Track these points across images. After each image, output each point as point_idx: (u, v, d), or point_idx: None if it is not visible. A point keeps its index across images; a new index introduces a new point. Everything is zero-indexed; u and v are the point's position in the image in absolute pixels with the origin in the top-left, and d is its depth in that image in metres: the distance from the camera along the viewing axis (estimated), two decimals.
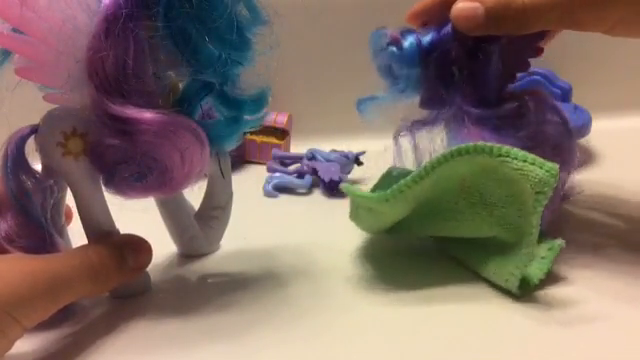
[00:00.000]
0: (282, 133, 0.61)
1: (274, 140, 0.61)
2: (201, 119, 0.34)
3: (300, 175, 0.55)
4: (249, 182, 0.55)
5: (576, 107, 0.58)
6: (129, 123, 0.30)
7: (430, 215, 0.38)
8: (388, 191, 0.34)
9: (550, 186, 0.33)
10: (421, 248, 0.42)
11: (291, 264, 0.41)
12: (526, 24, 0.36)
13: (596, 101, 0.55)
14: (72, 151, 0.32)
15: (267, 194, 0.53)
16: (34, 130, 0.32)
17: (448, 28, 0.38)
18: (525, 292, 0.35)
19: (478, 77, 0.39)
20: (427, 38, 0.39)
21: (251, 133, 0.61)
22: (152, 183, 0.32)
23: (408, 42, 0.39)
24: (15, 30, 0.29)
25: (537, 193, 0.33)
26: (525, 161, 0.33)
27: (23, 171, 0.32)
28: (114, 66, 0.29)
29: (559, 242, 0.36)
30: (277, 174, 0.55)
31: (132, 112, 0.30)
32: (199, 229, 0.40)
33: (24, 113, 0.32)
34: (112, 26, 0.29)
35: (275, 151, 0.58)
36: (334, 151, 0.56)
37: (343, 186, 0.38)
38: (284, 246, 0.43)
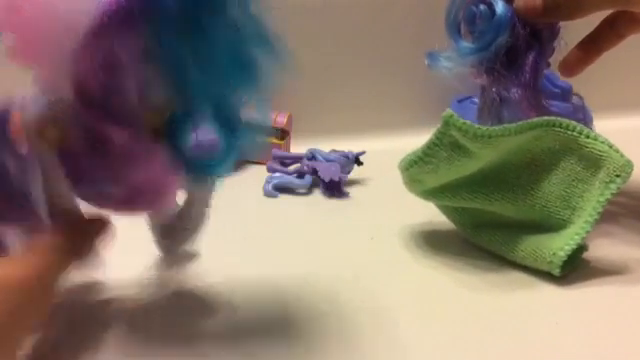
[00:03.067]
0: (282, 133, 0.61)
1: (274, 140, 0.61)
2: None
3: (300, 175, 0.55)
4: (249, 182, 0.55)
5: (576, 108, 0.57)
6: (101, 136, 0.29)
7: (487, 183, 0.38)
8: (490, 128, 0.35)
9: (627, 175, 0.35)
10: (421, 247, 0.42)
11: (291, 264, 0.40)
12: (580, 8, 0.39)
13: (596, 101, 0.55)
14: (47, 138, 0.31)
15: (267, 194, 0.53)
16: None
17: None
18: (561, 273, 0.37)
19: (538, 59, 0.41)
20: (510, 12, 0.40)
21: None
22: (115, 199, 0.31)
23: (501, 7, 0.40)
24: None
25: (616, 176, 0.35)
26: (610, 147, 0.36)
27: (5, 148, 0.32)
28: (95, 79, 0.29)
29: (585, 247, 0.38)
30: (277, 174, 0.55)
31: (104, 127, 0.29)
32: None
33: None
34: (95, 40, 0.28)
35: (275, 151, 0.58)
36: (334, 151, 0.56)
37: (446, 113, 0.36)
38: (284, 246, 0.43)
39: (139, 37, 0.29)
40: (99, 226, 0.35)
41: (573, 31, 0.43)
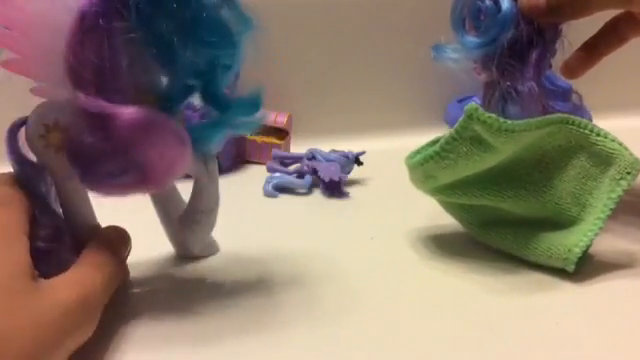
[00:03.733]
0: (282, 133, 0.61)
1: (274, 140, 0.61)
2: (188, 119, 0.34)
3: (300, 175, 0.55)
4: (249, 182, 0.55)
5: (576, 107, 0.57)
6: (105, 119, 0.30)
7: (499, 179, 0.38)
8: (515, 122, 0.36)
9: (637, 172, 0.36)
10: (421, 247, 0.42)
11: (290, 264, 0.40)
12: (583, 7, 0.39)
13: (596, 101, 0.55)
14: (52, 144, 0.32)
15: (267, 194, 0.53)
16: (25, 122, 0.33)
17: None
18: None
19: (541, 57, 0.41)
20: (515, 9, 0.40)
21: (251, 133, 0.61)
22: (128, 181, 0.31)
23: (506, 3, 0.40)
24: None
25: (627, 173, 0.36)
26: (620, 145, 0.37)
27: (17, 161, 0.33)
28: (89, 63, 0.29)
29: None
30: (277, 174, 0.55)
31: (107, 107, 0.30)
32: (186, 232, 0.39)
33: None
34: (86, 23, 0.29)
35: (275, 151, 0.58)
36: (334, 151, 0.56)
37: (470, 106, 0.35)
38: (284, 246, 0.43)
39: (125, 17, 0.30)
40: (125, 235, 0.36)
41: (576, 32, 0.43)
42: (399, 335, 0.33)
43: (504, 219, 0.40)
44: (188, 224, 0.39)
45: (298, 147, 0.60)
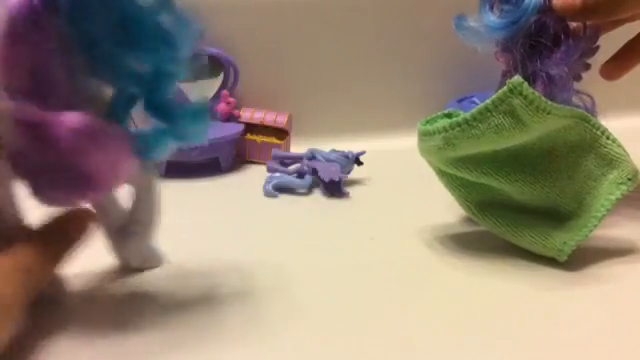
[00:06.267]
0: (282, 133, 0.61)
1: (274, 140, 0.61)
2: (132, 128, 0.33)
3: (300, 175, 0.55)
4: (249, 182, 0.55)
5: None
6: (44, 127, 0.29)
7: (510, 161, 0.39)
8: (553, 104, 0.36)
9: (637, 180, 0.38)
10: (421, 247, 0.42)
11: (291, 265, 0.40)
12: (618, 7, 0.40)
13: (597, 101, 0.55)
14: None
15: (267, 194, 0.53)
16: None
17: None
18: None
19: (559, 61, 0.41)
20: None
21: (251, 133, 0.61)
22: (72, 190, 0.31)
23: None
24: None
25: (628, 179, 0.38)
26: (624, 151, 0.39)
27: None
28: (22, 69, 0.29)
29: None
30: (277, 174, 0.55)
31: (45, 115, 0.29)
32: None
33: None
34: (14, 28, 0.28)
35: (275, 151, 0.58)
36: (334, 151, 0.56)
37: (516, 80, 0.35)
38: (284, 246, 0.43)
39: (52, 29, 0.29)
40: (78, 224, 0.33)
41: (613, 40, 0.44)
42: (400, 334, 0.33)
43: (504, 203, 0.40)
44: (125, 235, 0.37)
45: (298, 147, 0.60)
